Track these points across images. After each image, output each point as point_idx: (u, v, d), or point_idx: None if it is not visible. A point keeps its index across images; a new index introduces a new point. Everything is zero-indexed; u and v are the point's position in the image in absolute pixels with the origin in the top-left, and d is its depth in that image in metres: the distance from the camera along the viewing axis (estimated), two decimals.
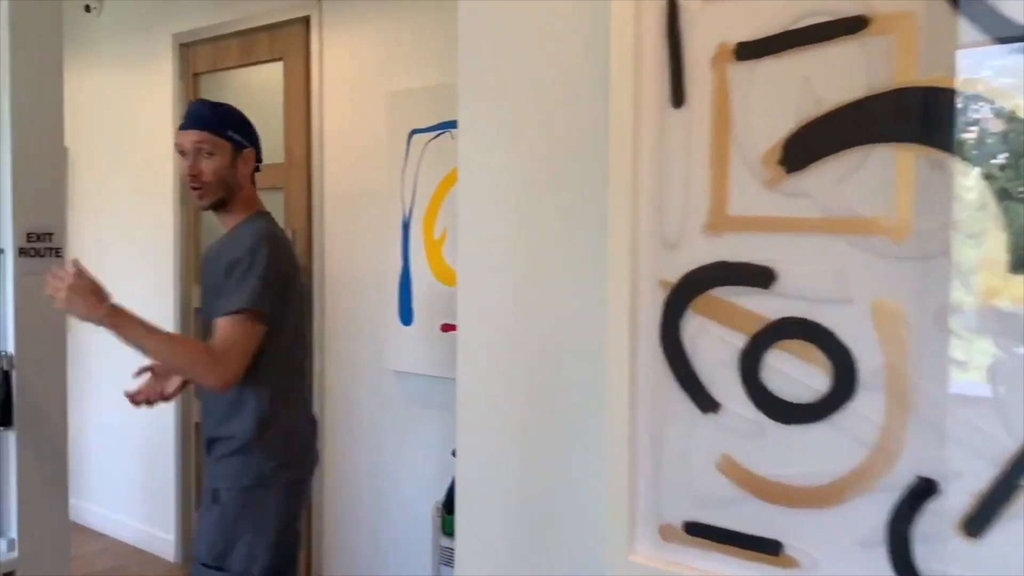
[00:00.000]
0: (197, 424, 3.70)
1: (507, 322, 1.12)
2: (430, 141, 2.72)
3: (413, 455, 2.82)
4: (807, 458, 0.83)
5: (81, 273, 1.64)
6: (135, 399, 1.90)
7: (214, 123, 1.83)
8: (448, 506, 2.43)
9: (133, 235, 3.84)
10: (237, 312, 1.70)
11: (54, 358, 2.07)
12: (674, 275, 0.91)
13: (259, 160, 1.94)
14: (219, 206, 1.87)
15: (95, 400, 3.98)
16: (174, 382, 1.96)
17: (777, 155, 0.84)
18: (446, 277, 2.69)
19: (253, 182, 1.94)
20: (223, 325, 1.71)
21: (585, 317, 1.03)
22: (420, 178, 2.75)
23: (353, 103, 2.98)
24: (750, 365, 0.87)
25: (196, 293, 3.61)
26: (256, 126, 2.00)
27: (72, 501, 4.41)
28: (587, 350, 1.03)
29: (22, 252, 1.99)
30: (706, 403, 0.90)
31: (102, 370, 4.03)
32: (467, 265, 1.16)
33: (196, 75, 3.60)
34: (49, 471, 2.07)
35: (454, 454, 1.19)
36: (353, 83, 2.97)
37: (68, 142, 4.38)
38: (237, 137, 1.86)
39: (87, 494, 4.17)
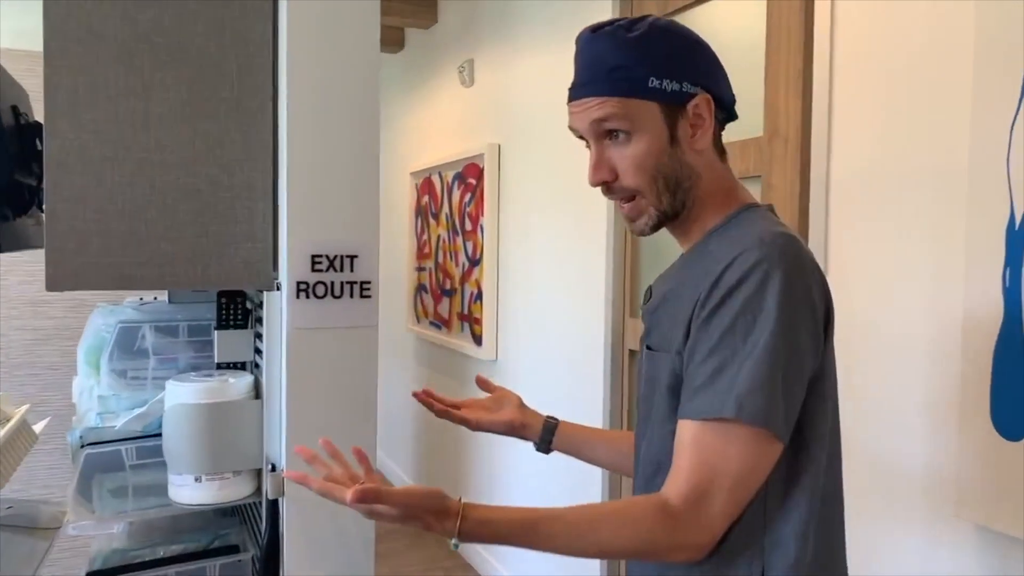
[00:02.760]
0: None
1: None
2: None
3: None
4: None
5: (370, 474, 0.93)
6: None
7: (617, 74, 0.95)
8: None
9: (560, 247, 3.00)
10: (717, 421, 0.84)
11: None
12: None
13: (727, 109, 1.02)
14: (670, 221, 1.02)
15: (509, 440, 3.25)
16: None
17: None
18: None
19: (721, 155, 1.03)
20: (690, 441, 0.86)
21: None
22: None
23: (893, 19, 1.64)
24: None
25: (632, 328, 2.61)
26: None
27: (495, 564, 3.84)
28: None
29: (301, 290, 1.12)
30: None
31: None
32: None
33: None
34: None
35: None
36: None
37: (497, 138, 3.82)
38: (670, 84, 0.95)
39: (510, 563, 3.48)
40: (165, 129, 1.12)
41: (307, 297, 1.12)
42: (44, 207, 1.08)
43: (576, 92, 0.99)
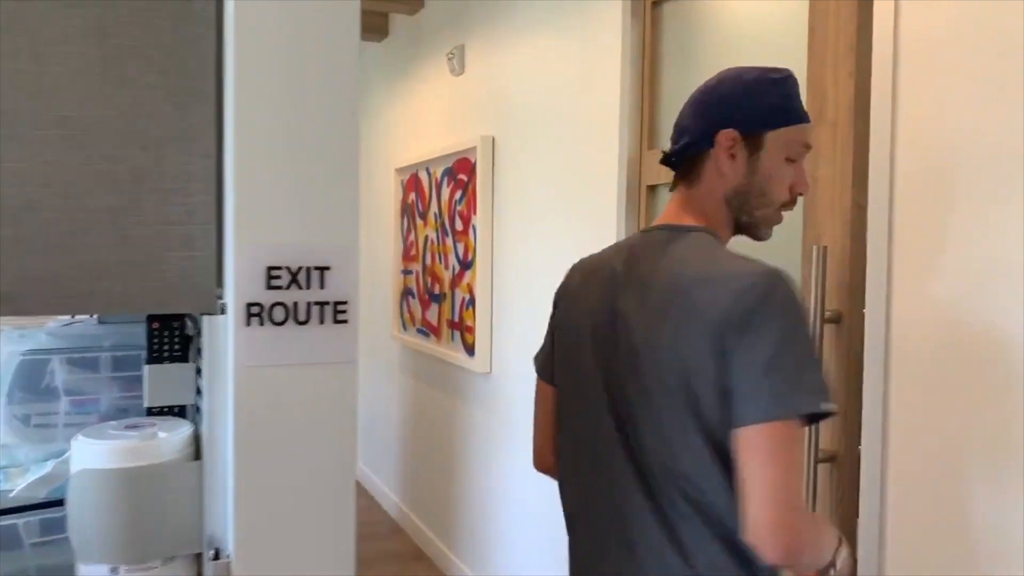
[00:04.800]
0: None
1: None
2: None
3: None
4: None
5: None
6: None
7: None
8: None
9: (564, 249, 2.72)
10: None
11: (335, 545, 0.87)
12: None
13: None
14: None
15: (503, 461, 2.96)
16: None
17: None
18: None
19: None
20: None
21: None
22: None
23: None
24: None
25: None
26: None
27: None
28: None
29: (252, 314, 0.83)
30: None
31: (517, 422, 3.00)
32: None
33: (656, 3, 2.32)
34: None
35: None
36: None
37: (490, 130, 3.54)
38: None
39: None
40: (68, 96, 0.82)
41: (260, 324, 0.83)
42: None
43: None
